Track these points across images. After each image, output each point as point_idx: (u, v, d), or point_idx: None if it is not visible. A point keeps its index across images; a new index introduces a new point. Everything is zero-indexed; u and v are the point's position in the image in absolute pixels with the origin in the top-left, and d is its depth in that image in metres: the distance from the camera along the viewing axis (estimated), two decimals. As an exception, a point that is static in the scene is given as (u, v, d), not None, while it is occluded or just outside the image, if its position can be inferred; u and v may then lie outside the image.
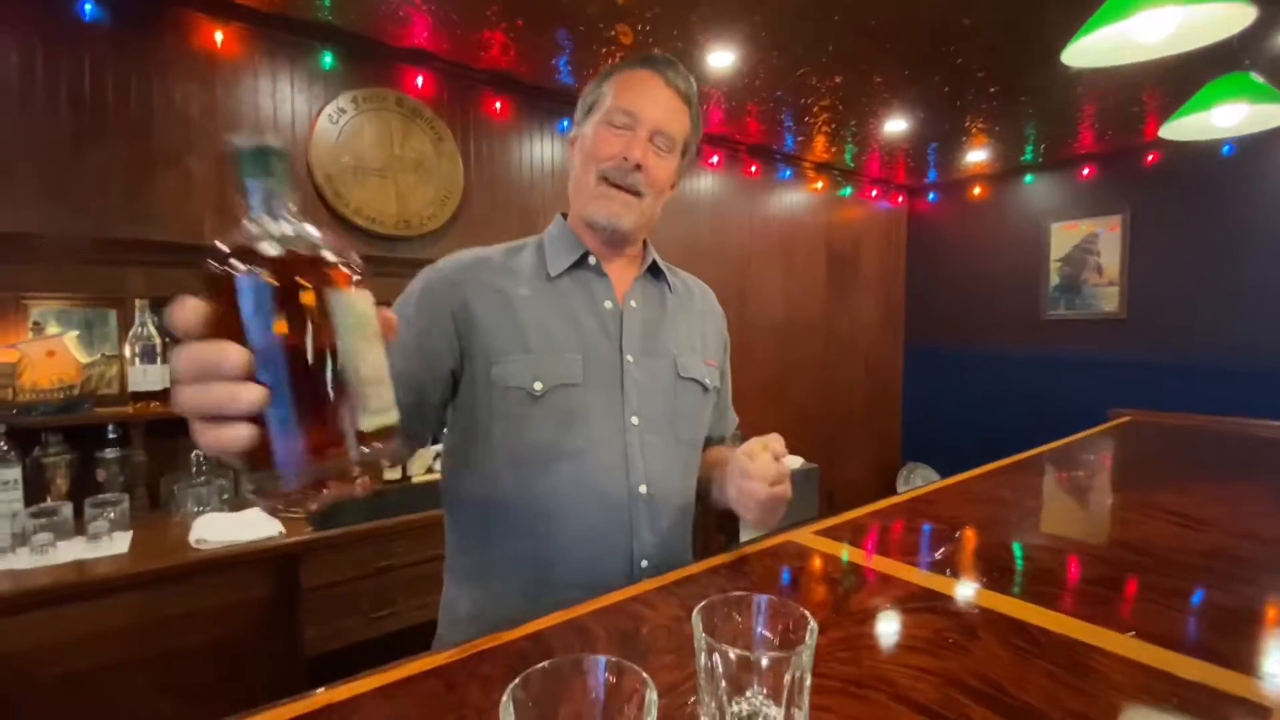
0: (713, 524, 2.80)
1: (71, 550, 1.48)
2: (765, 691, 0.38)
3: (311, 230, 0.41)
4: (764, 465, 0.75)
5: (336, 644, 1.68)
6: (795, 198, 3.71)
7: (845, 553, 0.84)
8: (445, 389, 0.86)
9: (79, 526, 1.56)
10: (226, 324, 0.38)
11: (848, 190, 3.99)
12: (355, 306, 0.41)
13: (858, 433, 4.20)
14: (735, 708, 0.38)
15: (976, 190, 4.10)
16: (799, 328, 3.76)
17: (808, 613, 0.42)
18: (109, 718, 1.38)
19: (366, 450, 0.41)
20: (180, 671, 1.45)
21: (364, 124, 2.19)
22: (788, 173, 3.61)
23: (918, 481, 4.21)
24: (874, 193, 4.16)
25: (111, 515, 1.60)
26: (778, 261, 3.63)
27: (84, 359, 1.69)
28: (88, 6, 1.72)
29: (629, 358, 0.89)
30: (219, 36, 1.91)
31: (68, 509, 1.56)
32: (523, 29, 2.12)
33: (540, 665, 0.35)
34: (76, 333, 1.72)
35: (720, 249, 3.34)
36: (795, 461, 2.99)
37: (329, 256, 0.41)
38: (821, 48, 2.28)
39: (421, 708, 0.49)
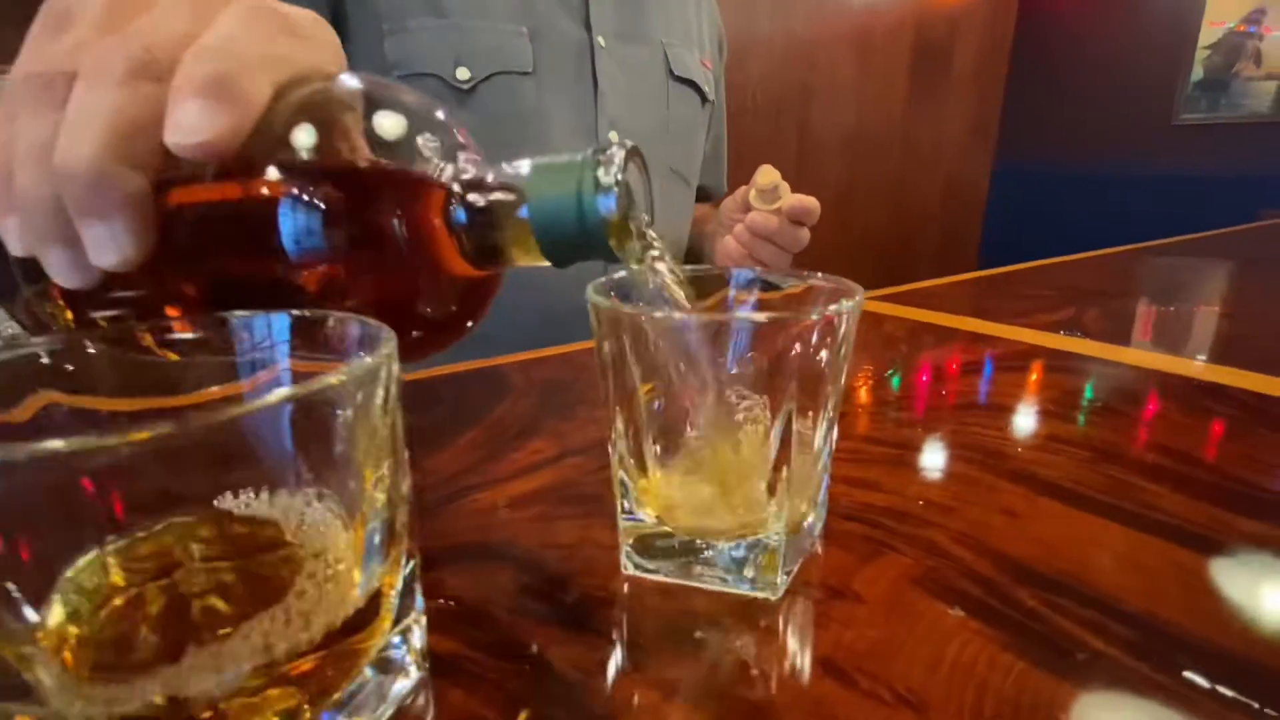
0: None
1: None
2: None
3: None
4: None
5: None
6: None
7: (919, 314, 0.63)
8: None
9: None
10: None
11: (946, -42, 3.18)
12: None
13: (926, 269, 3.73)
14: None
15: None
16: (872, 139, 3.19)
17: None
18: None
19: None
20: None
21: None
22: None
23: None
24: (979, -37, 3.32)
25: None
26: (852, 55, 2.99)
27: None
28: None
29: (600, 40, 0.62)
30: None
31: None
32: None
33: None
34: None
35: (782, 36, 2.72)
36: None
37: None
38: None
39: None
